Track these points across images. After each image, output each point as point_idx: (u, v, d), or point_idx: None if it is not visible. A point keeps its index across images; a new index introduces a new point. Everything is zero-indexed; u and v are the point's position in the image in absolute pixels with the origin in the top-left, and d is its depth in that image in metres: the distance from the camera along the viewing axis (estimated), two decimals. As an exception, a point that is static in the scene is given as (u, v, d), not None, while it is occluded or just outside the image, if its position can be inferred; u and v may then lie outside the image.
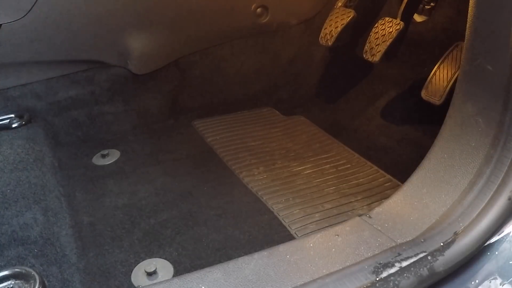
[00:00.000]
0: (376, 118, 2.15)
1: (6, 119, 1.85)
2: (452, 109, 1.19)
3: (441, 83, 1.74)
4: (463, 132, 1.15)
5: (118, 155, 1.94)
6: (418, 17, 2.10)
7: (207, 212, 1.58)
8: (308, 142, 2.06)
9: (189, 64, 2.24)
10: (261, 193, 1.69)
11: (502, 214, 1.01)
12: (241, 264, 0.98)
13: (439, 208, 1.10)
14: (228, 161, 1.90)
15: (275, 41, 2.40)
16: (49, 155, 1.72)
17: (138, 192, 1.69)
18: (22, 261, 1.15)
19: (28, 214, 1.32)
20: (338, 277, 0.93)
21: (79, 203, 1.64)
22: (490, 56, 1.07)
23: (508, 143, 1.04)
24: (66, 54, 1.90)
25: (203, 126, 2.18)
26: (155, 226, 1.52)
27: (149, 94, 2.17)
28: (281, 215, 1.57)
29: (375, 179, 1.78)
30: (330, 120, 2.26)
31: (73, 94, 2.00)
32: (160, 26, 2.05)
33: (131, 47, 2.01)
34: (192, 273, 0.96)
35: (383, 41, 1.97)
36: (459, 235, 1.00)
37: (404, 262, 0.96)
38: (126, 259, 1.38)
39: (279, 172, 1.83)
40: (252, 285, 0.93)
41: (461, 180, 1.10)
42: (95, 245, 1.44)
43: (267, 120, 2.27)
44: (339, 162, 1.90)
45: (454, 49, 1.76)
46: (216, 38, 2.25)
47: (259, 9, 2.26)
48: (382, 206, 1.18)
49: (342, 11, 2.20)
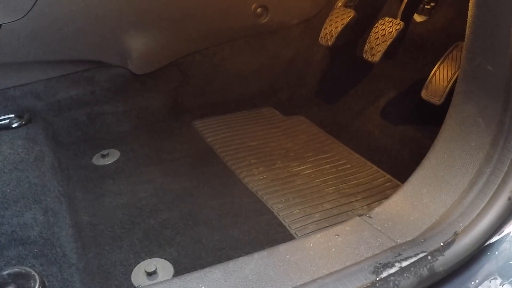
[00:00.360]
0: (376, 118, 2.15)
1: (6, 119, 1.85)
2: (452, 109, 1.20)
3: (441, 83, 1.74)
4: (463, 132, 1.15)
5: (118, 155, 1.94)
6: (418, 17, 2.10)
7: (207, 212, 1.58)
8: (308, 142, 2.06)
9: (189, 64, 2.24)
10: (261, 193, 1.69)
11: (502, 214, 1.01)
12: (241, 264, 0.98)
13: (439, 208, 1.10)
14: (228, 161, 1.90)
15: (275, 41, 2.40)
16: (49, 155, 1.72)
17: (138, 192, 1.69)
18: (22, 261, 1.15)
19: (28, 214, 1.32)
20: (338, 277, 0.93)
21: (79, 203, 1.64)
22: (490, 56, 1.07)
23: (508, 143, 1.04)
24: (66, 54, 1.90)
25: (203, 126, 2.18)
26: (155, 226, 1.52)
27: (149, 94, 2.17)
28: (281, 215, 1.57)
29: (375, 179, 1.78)
30: (330, 120, 2.26)
31: (73, 94, 2.00)
32: (160, 26, 2.05)
33: (131, 47, 2.01)
34: (192, 273, 0.96)
35: (383, 41, 1.97)
36: (459, 235, 1.00)
37: (404, 262, 0.96)
38: (126, 259, 1.38)
39: (279, 172, 1.83)
40: (252, 285, 0.93)
41: (461, 180, 1.11)
42: (95, 245, 1.44)
43: (267, 120, 2.27)
44: (339, 162, 1.90)
45: (454, 49, 1.76)
46: (216, 38, 2.25)
47: (259, 9, 2.25)
48: (382, 206, 1.18)
49: (342, 11, 2.20)
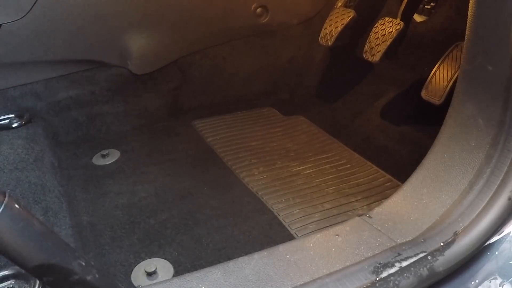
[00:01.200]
0: (376, 118, 2.15)
1: (6, 119, 1.85)
2: (452, 109, 1.20)
3: (441, 83, 1.74)
4: (463, 132, 1.15)
5: (118, 155, 1.94)
6: (418, 17, 2.10)
7: (207, 212, 1.58)
8: (308, 142, 2.06)
9: (189, 64, 2.24)
10: (261, 193, 1.69)
11: (502, 214, 1.01)
12: (241, 264, 0.98)
13: (439, 208, 1.10)
14: (228, 161, 1.90)
15: (275, 41, 2.40)
16: (49, 155, 1.72)
17: (138, 192, 1.69)
18: (22, 261, 1.15)
19: (28, 214, 1.31)
20: (338, 277, 0.93)
21: (79, 203, 1.64)
22: (490, 56, 1.07)
23: (508, 143, 1.04)
24: (66, 54, 1.90)
25: (203, 126, 2.18)
26: (155, 226, 1.52)
27: (149, 94, 2.17)
28: (281, 215, 1.57)
29: (375, 179, 1.78)
30: (330, 120, 2.26)
31: (73, 94, 2.00)
32: (160, 26, 2.05)
33: (131, 47, 2.01)
34: (192, 273, 0.96)
35: (383, 41, 1.97)
36: (459, 235, 1.00)
37: (404, 262, 0.96)
38: (126, 259, 1.38)
39: (279, 172, 1.83)
40: (252, 285, 0.93)
41: (461, 180, 1.11)
42: (95, 245, 1.44)
43: (267, 120, 2.27)
44: (339, 162, 1.90)
45: (454, 49, 1.76)
46: (216, 38, 2.25)
47: (259, 9, 2.25)
48: (382, 206, 1.18)
49: (342, 11, 2.20)
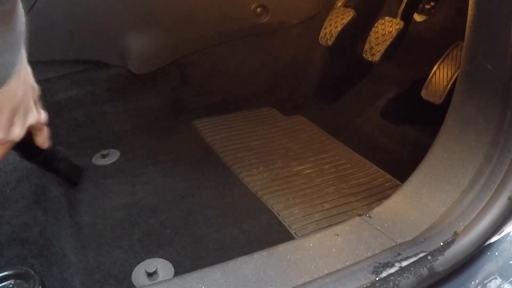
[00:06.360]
0: (376, 118, 2.15)
1: (6, 119, 1.85)
2: (452, 109, 1.19)
3: (441, 83, 1.74)
4: (463, 132, 1.15)
5: (118, 155, 1.94)
6: (418, 16, 2.10)
7: (207, 212, 1.58)
8: (308, 142, 2.06)
9: (189, 64, 2.24)
10: (261, 193, 1.69)
11: (502, 214, 1.01)
12: (241, 264, 0.98)
13: (439, 208, 1.10)
14: (228, 161, 1.90)
15: (275, 41, 2.40)
16: (49, 155, 1.72)
17: (138, 192, 1.69)
18: (22, 261, 1.14)
19: (28, 214, 1.31)
20: (338, 277, 0.93)
21: (79, 203, 1.64)
22: (490, 55, 1.07)
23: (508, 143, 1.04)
24: (65, 54, 1.90)
25: (203, 126, 2.18)
26: (155, 226, 1.52)
27: (149, 94, 2.17)
28: (281, 215, 1.57)
29: (375, 179, 1.78)
30: (330, 119, 2.26)
31: (73, 94, 2.00)
32: (160, 26, 2.05)
33: (131, 47, 2.01)
34: (192, 273, 0.96)
35: (383, 41, 1.97)
36: (459, 235, 1.00)
37: (404, 262, 0.96)
38: (126, 259, 1.38)
39: (279, 172, 1.83)
40: (252, 285, 0.93)
41: (461, 179, 1.10)
42: (95, 245, 1.43)
43: (267, 120, 2.27)
44: (339, 162, 1.90)
45: (454, 49, 1.76)
46: (216, 38, 2.25)
47: (258, 9, 2.25)
48: (382, 206, 1.18)
49: (342, 10, 2.20)
